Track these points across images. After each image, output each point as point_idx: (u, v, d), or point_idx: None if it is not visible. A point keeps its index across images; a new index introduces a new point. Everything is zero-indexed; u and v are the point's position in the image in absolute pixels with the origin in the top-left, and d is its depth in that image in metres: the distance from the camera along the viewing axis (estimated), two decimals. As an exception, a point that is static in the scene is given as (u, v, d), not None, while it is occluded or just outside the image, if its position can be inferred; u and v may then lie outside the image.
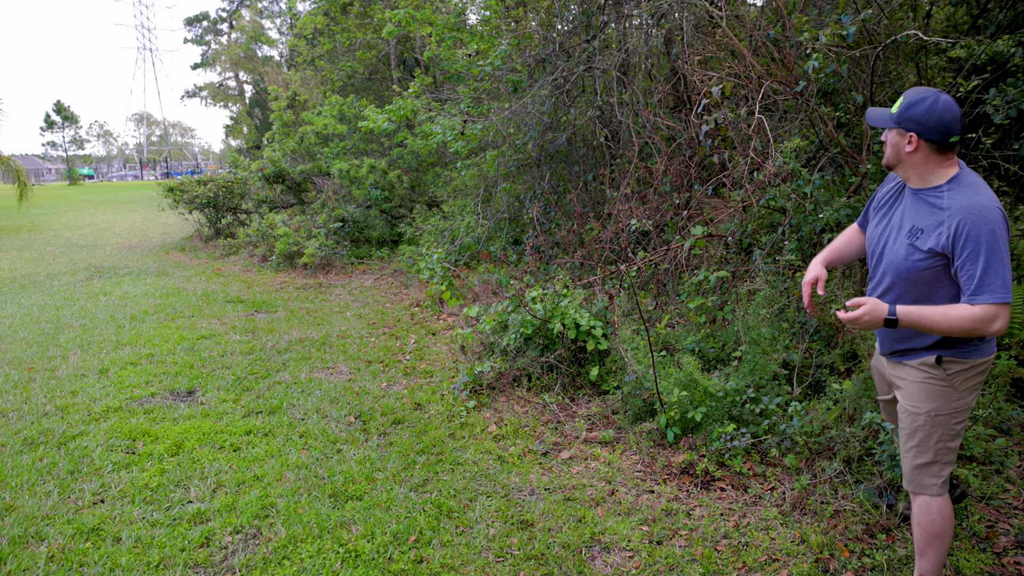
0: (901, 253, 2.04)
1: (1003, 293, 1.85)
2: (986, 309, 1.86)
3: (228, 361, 5.13)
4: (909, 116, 1.95)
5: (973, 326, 1.88)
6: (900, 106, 1.99)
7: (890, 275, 2.09)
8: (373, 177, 10.71)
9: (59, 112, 66.05)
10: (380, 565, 2.60)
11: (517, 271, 6.15)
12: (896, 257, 2.06)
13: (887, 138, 2.07)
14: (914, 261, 2.00)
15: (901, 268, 2.04)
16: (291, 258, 9.32)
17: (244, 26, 49.71)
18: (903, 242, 2.04)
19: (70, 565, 2.61)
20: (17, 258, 10.82)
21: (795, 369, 3.64)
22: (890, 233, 2.12)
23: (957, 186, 1.94)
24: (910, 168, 2.03)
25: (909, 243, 2.02)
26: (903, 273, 2.04)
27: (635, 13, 6.18)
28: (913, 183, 2.05)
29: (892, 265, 2.08)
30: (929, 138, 1.94)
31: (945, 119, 1.91)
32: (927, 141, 1.96)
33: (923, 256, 1.98)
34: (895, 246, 2.08)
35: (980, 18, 4.87)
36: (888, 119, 2.03)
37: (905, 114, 1.96)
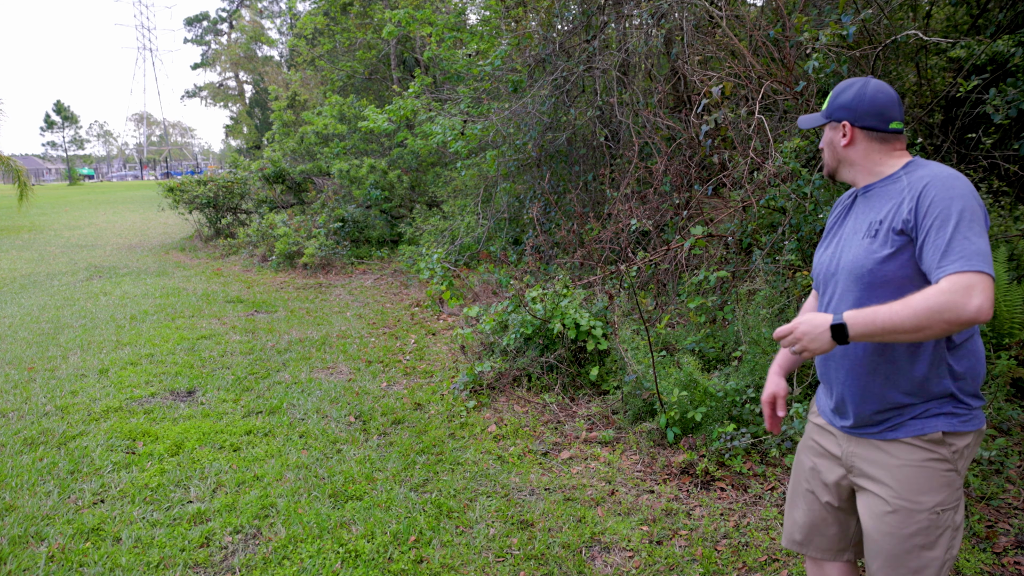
0: (858, 253, 1.59)
1: (979, 261, 1.37)
2: (956, 280, 1.37)
3: (228, 361, 5.13)
4: (838, 105, 1.68)
5: (944, 309, 1.36)
6: (829, 100, 1.73)
7: (843, 280, 1.63)
8: (373, 177, 10.71)
9: (59, 112, 66.06)
10: (380, 565, 2.60)
11: (517, 271, 6.15)
12: (851, 261, 1.61)
13: (823, 143, 1.75)
14: (874, 258, 1.55)
15: (857, 269, 1.58)
16: (291, 258, 9.33)
17: (244, 26, 49.71)
18: (858, 243, 1.61)
19: (70, 565, 2.61)
20: (17, 258, 10.82)
21: (795, 369, 3.63)
22: (842, 246, 1.68)
23: (915, 167, 1.59)
24: (852, 165, 1.69)
25: (867, 243, 1.58)
26: (861, 275, 1.57)
27: (635, 13, 6.18)
28: (861, 181, 1.69)
29: (846, 269, 1.63)
30: (864, 124, 1.64)
31: (878, 100, 1.63)
32: (863, 129, 1.65)
33: (883, 245, 1.54)
34: (849, 252, 1.63)
35: (980, 18, 4.87)
36: (818, 116, 1.75)
37: (833, 104, 1.69)
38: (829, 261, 1.69)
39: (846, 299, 1.60)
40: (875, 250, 1.54)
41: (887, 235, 1.53)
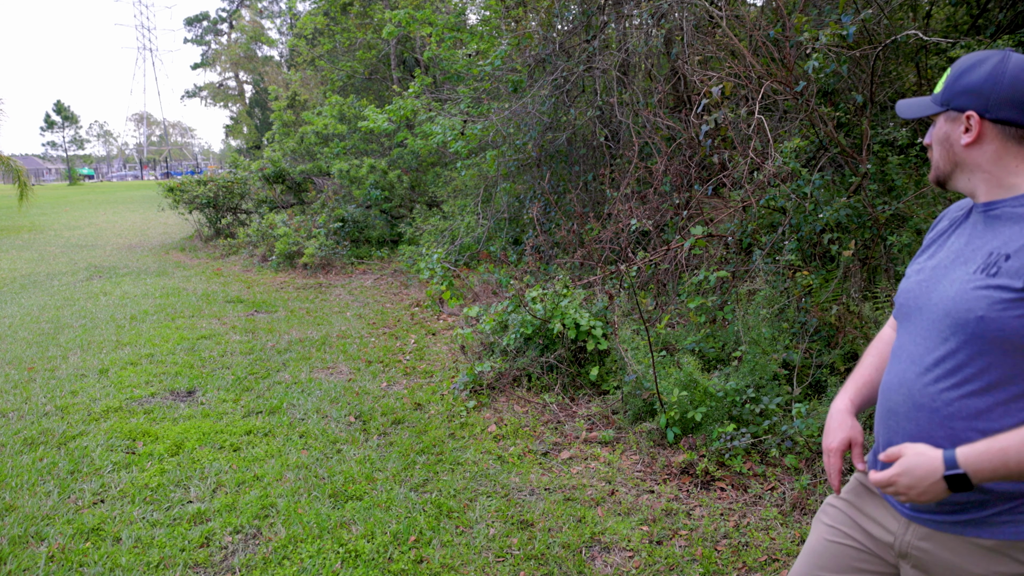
0: (963, 290, 1.16)
1: None
2: None
3: (228, 361, 5.13)
4: (962, 87, 1.21)
5: None
6: (946, 80, 1.26)
7: (935, 321, 1.21)
8: (373, 177, 10.72)
9: (59, 112, 66.06)
10: (380, 565, 2.60)
11: (517, 271, 6.15)
12: (951, 299, 1.18)
13: (931, 138, 1.30)
14: (992, 301, 1.12)
15: (961, 312, 1.15)
16: (291, 258, 9.33)
17: (244, 26, 49.71)
18: (965, 281, 1.17)
19: (70, 565, 2.61)
20: (17, 258, 10.82)
21: (795, 369, 3.64)
22: (939, 275, 1.25)
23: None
24: (975, 171, 1.22)
25: (982, 280, 1.14)
26: (966, 322, 1.15)
27: (635, 13, 6.18)
28: (981, 195, 1.23)
29: (941, 308, 1.20)
30: (1000, 117, 1.17)
31: (1021, 82, 1.15)
32: (997, 123, 1.18)
33: (1008, 290, 1.10)
34: (949, 286, 1.20)
35: (980, 18, 4.87)
36: (929, 103, 1.29)
37: (955, 87, 1.22)
38: (918, 289, 1.27)
39: (937, 348, 1.19)
40: (992, 293, 1.11)
41: (1012, 279, 1.10)
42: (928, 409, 1.19)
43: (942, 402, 1.17)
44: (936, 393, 1.19)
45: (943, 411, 1.17)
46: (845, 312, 3.72)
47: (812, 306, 3.83)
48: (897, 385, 1.26)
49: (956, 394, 1.16)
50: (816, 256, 4.25)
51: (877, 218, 3.84)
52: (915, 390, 1.22)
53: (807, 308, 3.86)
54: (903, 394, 1.24)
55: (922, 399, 1.20)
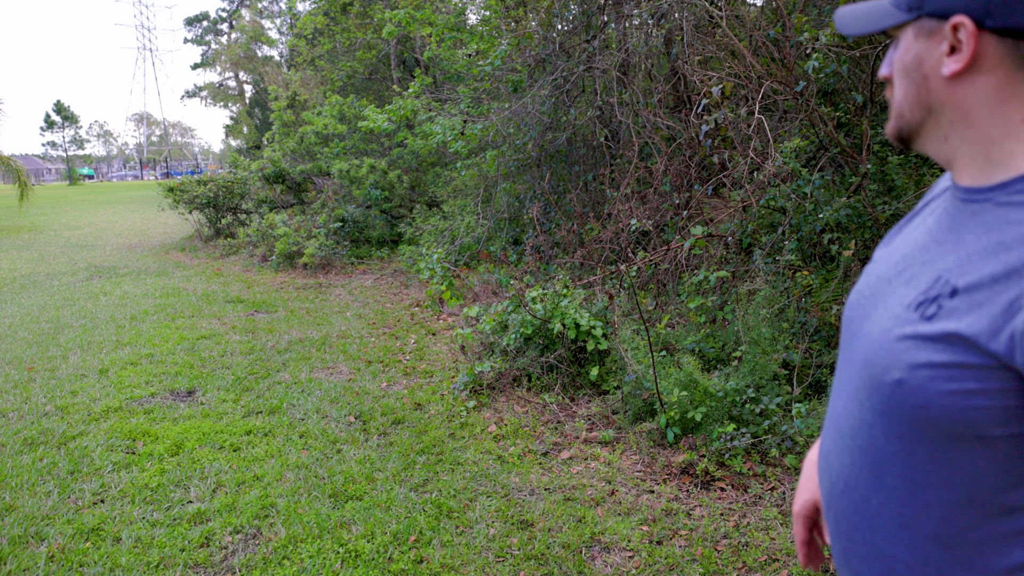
0: (885, 346, 0.75)
1: None
2: None
3: (228, 361, 5.13)
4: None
5: None
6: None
7: (858, 372, 0.81)
8: (373, 177, 10.72)
9: (59, 112, 66.06)
10: (380, 565, 2.60)
11: (517, 271, 6.15)
12: (871, 353, 0.78)
13: (891, 68, 0.81)
14: (920, 371, 0.70)
15: (879, 369, 0.75)
16: (291, 258, 9.33)
17: (244, 26, 49.71)
18: (894, 316, 0.76)
19: (70, 565, 2.61)
20: (17, 258, 10.82)
21: (795, 369, 3.64)
22: (876, 292, 0.84)
23: None
24: (957, 124, 0.74)
25: (912, 323, 0.73)
26: (880, 386, 0.75)
27: (635, 13, 6.18)
28: (962, 169, 0.76)
29: (861, 355, 0.81)
30: (1011, 23, 0.66)
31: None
32: (1004, 35, 0.67)
33: (948, 361, 0.68)
34: (874, 320, 0.80)
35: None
36: (888, 6, 0.78)
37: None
38: (856, 306, 0.86)
39: (852, 412, 0.81)
40: (920, 347, 0.70)
41: (949, 331, 0.68)
42: (849, 500, 0.81)
43: (859, 496, 0.79)
44: (853, 481, 0.80)
45: (863, 511, 0.79)
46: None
47: (812, 306, 3.83)
48: (824, 453, 0.88)
49: (875, 493, 0.77)
50: (816, 256, 4.25)
51: (877, 218, 3.84)
52: (836, 463, 0.84)
53: (807, 308, 3.86)
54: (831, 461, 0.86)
55: (842, 482, 0.83)
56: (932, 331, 0.69)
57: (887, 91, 0.83)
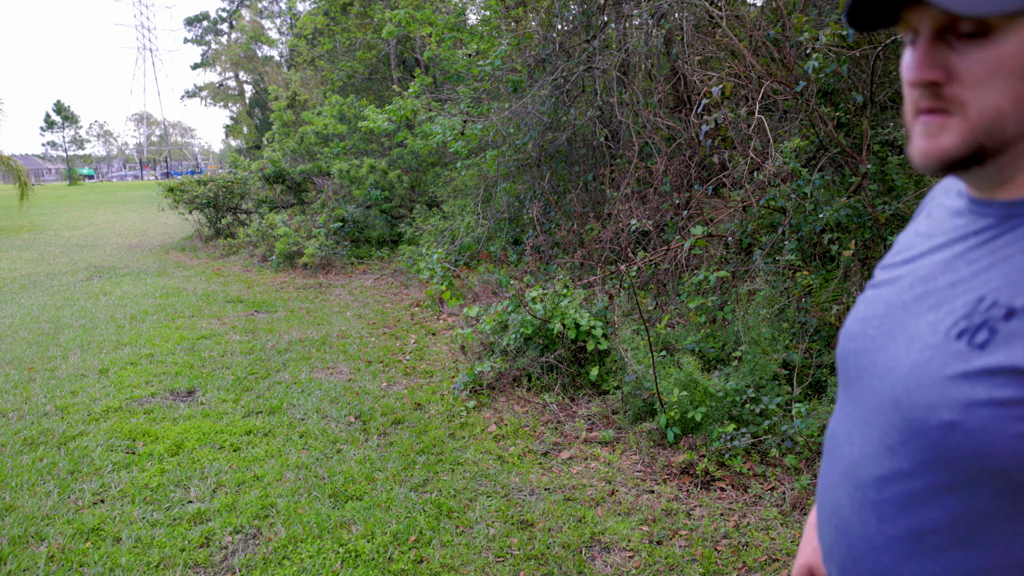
0: (925, 383, 0.63)
1: None
2: None
3: (228, 361, 5.13)
4: None
5: None
6: None
7: (885, 413, 0.69)
8: (373, 177, 10.72)
9: (59, 112, 66.07)
10: (380, 565, 2.60)
11: (517, 271, 6.15)
12: (904, 392, 0.66)
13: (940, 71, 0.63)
14: (980, 411, 0.58)
15: (923, 426, 0.63)
16: (291, 258, 9.33)
17: (244, 26, 49.72)
18: (929, 346, 0.65)
19: (70, 565, 2.61)
20: (17, 258, 10.82)
21: (795, 369, 3.64)
22: (891, 319, 0.73)
23: None
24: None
25: (958, 354, 0.61)
26: (934, 444, 0.62)
27: (635, 13, 6.18)
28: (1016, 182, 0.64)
29: (894, 395, 0.67)
30: None
31: None
32: None
33: (1017, 396, 0.57)
34: (897, 353, 0.69)
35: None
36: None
37: None
38: (863, 337, 0.77)
39: (881, 458, 0.69)
40: (975, 383, 0.60)
41: (1014, 360, 0.58)
42: (875, 566, 0.70)
43: (890, 560, 0.68)
44: (882, 542, 0.69)
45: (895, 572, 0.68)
46: (845, 312, 3.72)
47: (812, 306, 3.83)
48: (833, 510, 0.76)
49: (914, 557, 0.66)
50: (816, 256, 4.25)
51: (877, 218, 3.84)
52: (855, 521, 0.72)
53: (807, 308, 3.86)
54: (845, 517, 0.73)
55: (865, 544, 0.71)
56: (991, 363, 0.58)
57: (921, 100, 0.65)
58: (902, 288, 0.73)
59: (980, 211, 0.69)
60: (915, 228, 0.82)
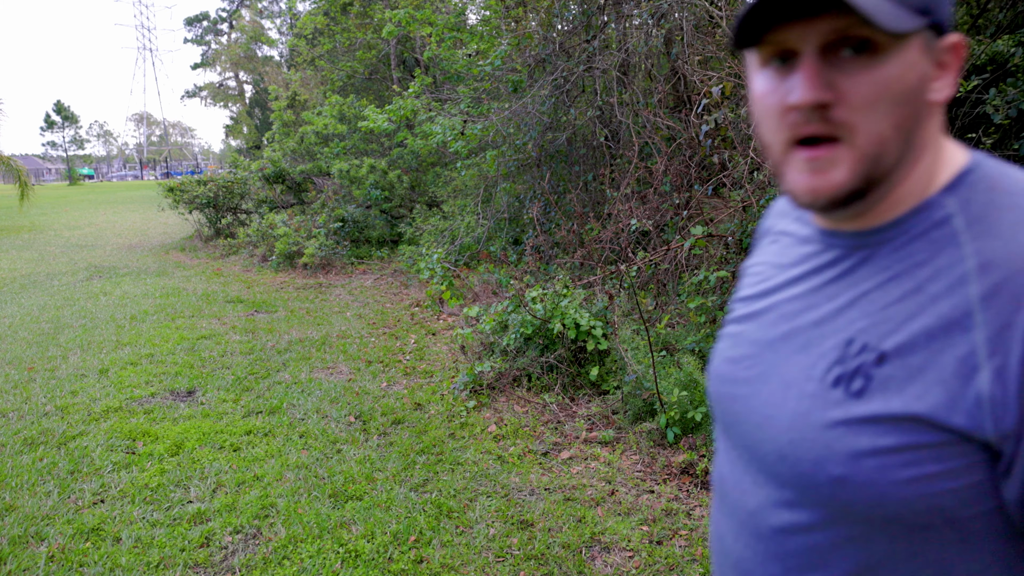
0: (808, 436, 0.62)
1: None
2: None
3: (228, 361, 5.13)
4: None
5: None
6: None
7: (772, 469, 0.66)
8: (373, 177, 10.72)
9: (59, 112, 66.08)
10: (380, 565, 2.60)
11: (517, 271, 6.15)
12: (789, 446, 0.64)
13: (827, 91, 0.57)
14: (866, 462, 0.58)
15: (813, 481, 0.61)
16: (291, 258, 9.33)
17: (244, 26, 49.72)
18: (805, 395, 0.63)
19: (70, 565, 2.61)
20: (17, 258, 10.82)
21: None
22: (761, 359, 0.71)
23: (982, 189, 0.60)
24: (918, 158, 0.61)
25: (835, 403, 0.61)
26: (827, 499, 0.61)
27: (635, 13, 6.18)
28: (876, 211, 0.63)
29: (779, 461, 0.65)
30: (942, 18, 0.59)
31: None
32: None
33: (898, 444, 0.57)
34: (773, 398, 0.67)
35: (980, 18, 4.87)
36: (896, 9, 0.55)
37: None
38: (732, 381, 0.75)
39: (780, 510, 0.66)
40: (858, 433, 0.59)
41: (892, 408, 0.57)
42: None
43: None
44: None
45: None
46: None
47: (812, 306, 3.83)
48: (735, 562, 0.73)
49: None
50: (816, 256, 4.24)
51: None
52: (761, 572, 0.69)
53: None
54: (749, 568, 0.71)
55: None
56: (870, 411, 0.57)
57: (805, 125, 0.58)
58: (766, 324, 0.71)
59: (829, 241, 0.68)
60: (764, 256, 0.79)
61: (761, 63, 0.60)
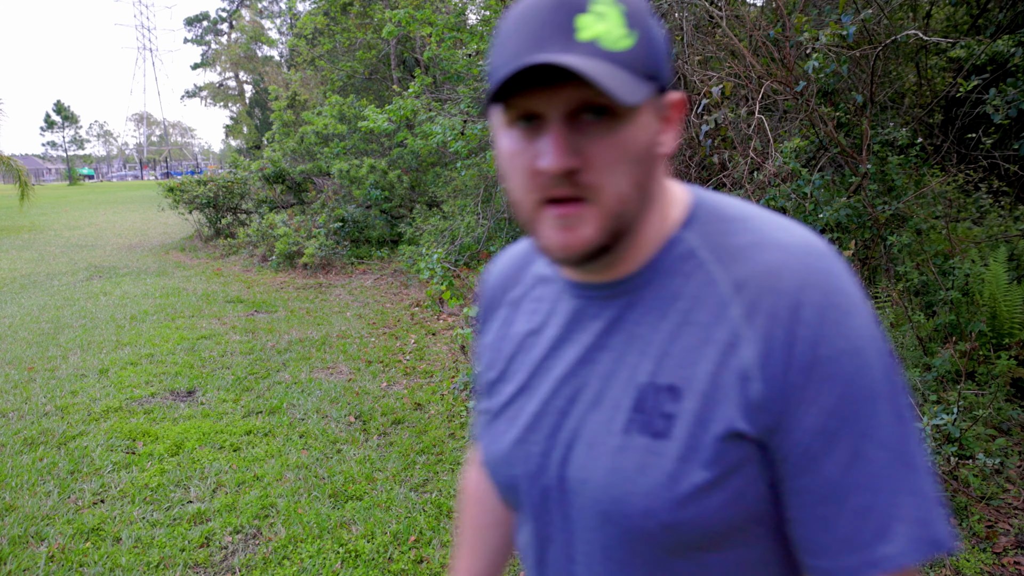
0: (628, 491, 0.61)
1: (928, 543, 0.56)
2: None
3: (228, 361, 5.13)
4: (663, 52, 0.67)
5: None
6: (633, 30, 0.62)
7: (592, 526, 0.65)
8: (373, 177, 10.72)
9: (59, 112, 66.11)
10: (380, 565, 2.60)
11: (517, 271, 6.14)
12: (612, 505, 0.63)
13: (574, 157, 0.58)
14: (676, 492, 0.59)
15: (644, 533, 0.62)
16: (291, 258, 9.33)
17: (244, 26, 49.73)
18: (615, 451, 0.63)
19: (70, 565, 2.61)
20: (17, 258, 10.83)
21: None
22: (550, 426, 0.68)
23: (709, 220, 0.66)
24: (651, 206, 0.65)
25: (643, 439, 0.61)
26: (647, 531, 0.61)
27: (635, 13, 6.18)
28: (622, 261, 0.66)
29: (599, 507, 0.64)
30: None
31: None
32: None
33: (691, 461, 0.59)
34: (583, 468, 0.65)
35: (980, 18, 4.88)
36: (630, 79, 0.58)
37: (657, 47, 0.65)
38: (525, 458, 0.70)
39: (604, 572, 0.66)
40: (673, 472, 0.60)
41: (699, 438, 0.59)
42: None
43: None
44: None
45: None
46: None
47: (812, 306, 3.83)
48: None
49: None
50: (816, 256, 4.24)
51: (877, 218, 3.85)
52: None
53: (807, 308, 3.86)
54: None
55: None
56: (679, 450, 0.60)
57: (557, 188, 0.60)
58: (545, 393, 0.69)
59: (588, 295, 0.68)
60: (506, 329, 0.77)
61: (507, 123, 0.62)
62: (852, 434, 0.56)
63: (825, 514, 0.57)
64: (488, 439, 0.74)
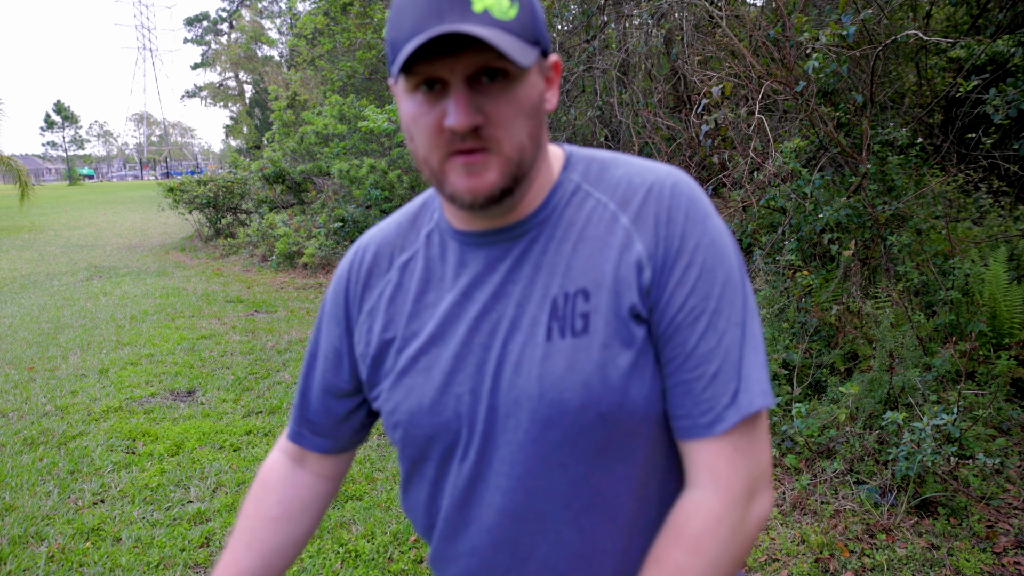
0: (560, 381, 0.69)
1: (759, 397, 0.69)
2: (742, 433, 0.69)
3: (228, 361, 5.13)
4: (541, 15, 0.71)
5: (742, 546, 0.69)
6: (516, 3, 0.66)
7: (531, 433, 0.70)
8: (373, 177, 10.72)
9: (59, 112, 66.11)
10: (380, 565, 2.60)
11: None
12: (546, 403, 0.69)
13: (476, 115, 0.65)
14: (613, 374, 0.69)
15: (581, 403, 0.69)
16: (291, 258, 9.33)
17: (244, 26, 49.74)
18: (542, 355, 0.70)
19: (70, 565, 2.61)
20: (17, 258, 10.83)
21: (795, 369, 3.64)
22: (484, 364, 0.73)
23: (589, 165, 0.78)
24: (543, 156, 0.75)
25: (567, 340, 0.70)
26: (587, 420, 0.69)
27: (635, 13, 6.19)
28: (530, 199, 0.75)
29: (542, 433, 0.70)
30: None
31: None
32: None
33: (613, 343, 0.69)
34: (513, 379, 0.71)
35: (980, 18, 4.88)
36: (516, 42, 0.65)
37: (535, 10, 0.69)
38: (457, 400, 0.73)
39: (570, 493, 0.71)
40: (600, 359, 0.68)
41: (615, 324, 0.69)
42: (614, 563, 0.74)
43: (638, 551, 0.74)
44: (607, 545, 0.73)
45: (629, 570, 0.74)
46: (845, 312, 3.72)
47: (812, 306, 3.83)
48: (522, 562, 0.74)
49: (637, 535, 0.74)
50: (816, 256, 4.25)
51: (877, 218, 3.85)
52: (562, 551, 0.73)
53: (807, 308, 3.86)
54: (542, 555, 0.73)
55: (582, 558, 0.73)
56: (601, 339, 0.69)
57: (462, 143, 0.66)
58: (462, 337, 0.74)
59: (491, 240, 0.75)
60: (400, 292, 0.80)
61: (410, 89, 0.68)
62: (709, 311, 0.69)
63: (687, 379, 0.69)
64: (400, 396, 0.77)
